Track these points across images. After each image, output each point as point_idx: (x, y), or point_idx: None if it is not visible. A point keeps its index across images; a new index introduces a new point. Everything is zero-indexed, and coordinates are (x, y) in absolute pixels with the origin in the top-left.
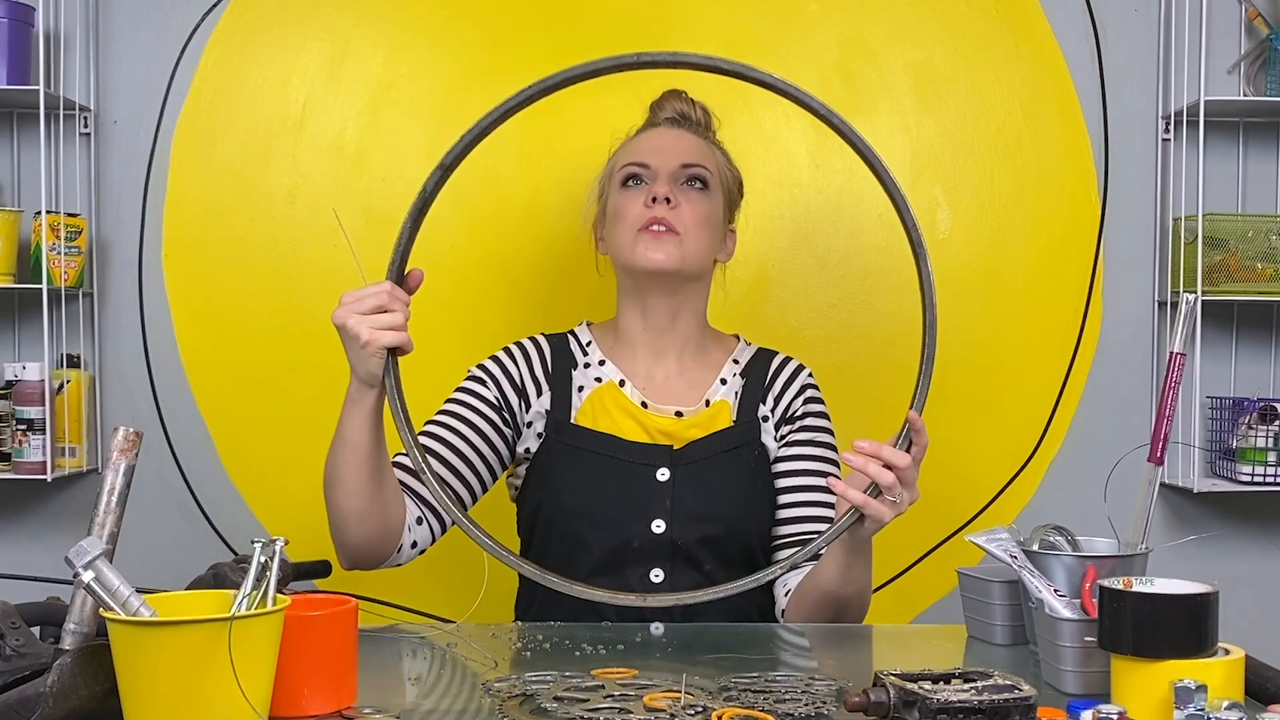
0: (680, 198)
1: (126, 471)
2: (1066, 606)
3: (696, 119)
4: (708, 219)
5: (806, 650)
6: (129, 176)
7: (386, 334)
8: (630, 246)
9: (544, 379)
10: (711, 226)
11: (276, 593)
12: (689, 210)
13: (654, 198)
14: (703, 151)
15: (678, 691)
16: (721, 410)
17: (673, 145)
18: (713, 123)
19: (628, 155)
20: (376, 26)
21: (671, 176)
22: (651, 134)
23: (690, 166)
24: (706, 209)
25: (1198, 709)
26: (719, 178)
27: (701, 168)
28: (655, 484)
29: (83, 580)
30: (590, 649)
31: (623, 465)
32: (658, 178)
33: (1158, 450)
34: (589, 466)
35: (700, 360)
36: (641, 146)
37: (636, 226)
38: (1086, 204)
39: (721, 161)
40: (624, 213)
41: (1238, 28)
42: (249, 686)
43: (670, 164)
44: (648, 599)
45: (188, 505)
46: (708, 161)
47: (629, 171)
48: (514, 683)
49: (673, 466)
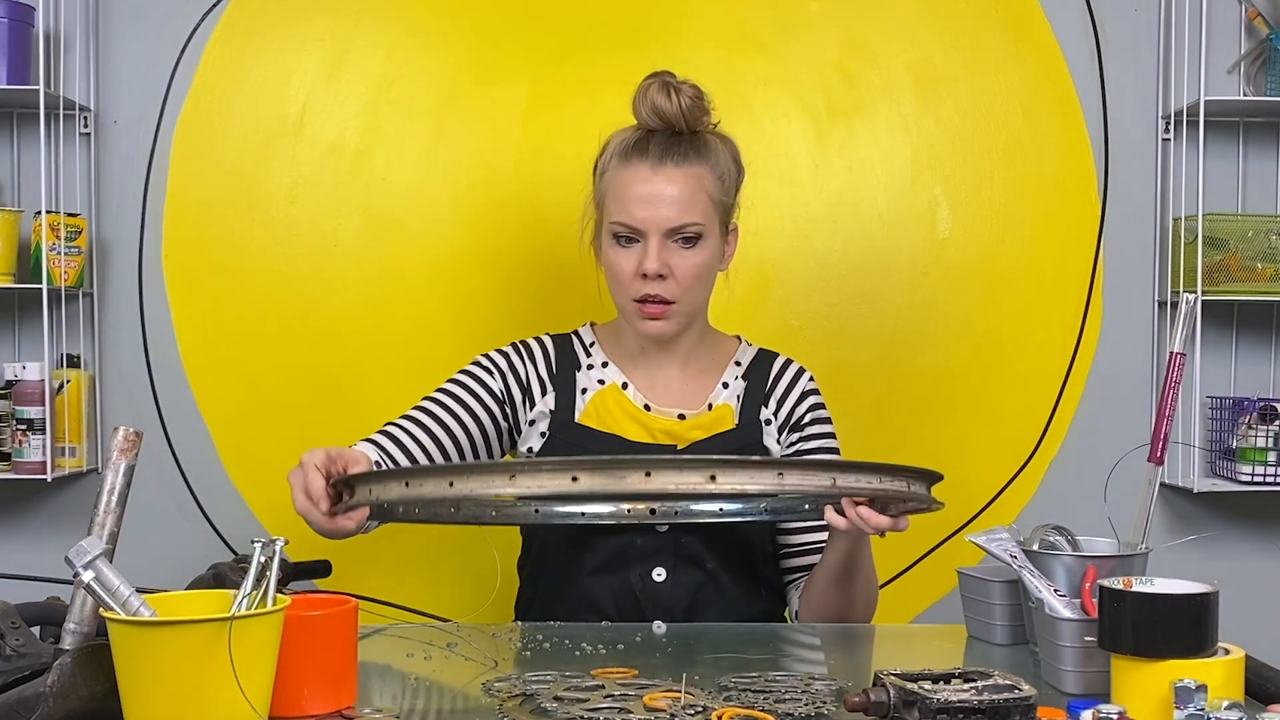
0: (672, 258)
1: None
2: (1066, 606)
3: (682, 112)
4: (701, 272)
5: (807, 650)
6: (129, 176)
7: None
8: (627, 312)
9: (548, 379)
10: (706, 275)
11: (276, 593)
12: (682, 268)
13: (644, 273)
14: (692, 193)
15: (678, 691)
16: (724, 413)
17: (661, 196)
18: (704, 103)
19: (617, 206)
20: (376, 26)
21: (662, 237)
22: (639, 179)
23: (679, 230)
24: (700, 260)
25: (1198, 709)
26: (714, 207)
27: (692, 225)
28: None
29: (83, 580)
30: (590, 649)
31: None
32: (648, 239)
33: (1158, 450)
34: None
35: (702, 364)
36: (630, 199)
37: (631, 296)
38: (1086, 204)
39: (709, 181)
40: (617, 273)
41: (1238, 28)
42: (249, 686)
43: (659, 226)
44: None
45: (188, 505)
46: (696, 208)
47: (619, 231)
48: (514, 683)
49: None
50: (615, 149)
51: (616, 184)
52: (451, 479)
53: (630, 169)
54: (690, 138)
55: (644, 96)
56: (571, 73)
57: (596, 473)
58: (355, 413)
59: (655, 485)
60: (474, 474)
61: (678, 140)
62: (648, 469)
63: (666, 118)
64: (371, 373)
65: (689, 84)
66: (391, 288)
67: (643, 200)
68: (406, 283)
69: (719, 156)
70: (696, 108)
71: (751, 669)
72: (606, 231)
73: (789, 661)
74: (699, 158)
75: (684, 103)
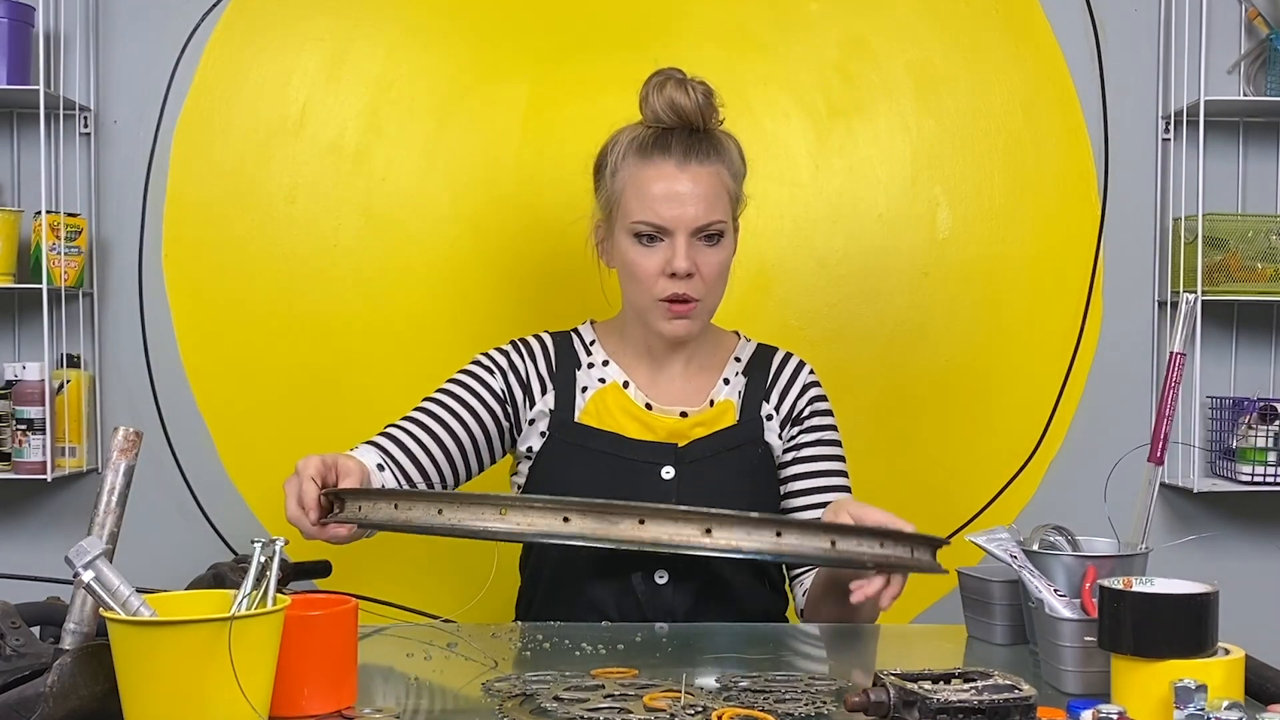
0: (698, 256)
1: (126, 471)
2: (1066, 606)
3: (699, 108)
4: (724, 268)
5: (807, 650)
6: (129, 176)
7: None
8: (649, 312)
9: (548, 377)
10: (727, 273)
11: (276, 593)
12: (707, 266)
13: (673, 272)
14: (715, 191)
15: (678, 691)
16: (726, 409)
17: (688, 195)
18: (715, 100)
19: (640, 205)
20: (376, 26)
21: (689, 236)
22: (663, 177)
23: (705, 228)
24: (724, 257)
25: (1198, 709)
26: (732, 204)
27: (717, 223)
28: (660, 483)
29: (83, 580)
30: (590, 649)
31: (627, 464)
32: (675, 238)
33: (1158, 450)
34: (593, 465)
35: (704, 362)
36: (654, 196)
37: (656, 296)
38: (1086, 204)
39: (727, 178)
40: (639, 272)
41: (1238, 28)
42: (249, 686)
43: (687, 225)
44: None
45: (188, 505)
46: (720, 206)
47: (643, 230)
48: (514, 683)
49: (677, 464)
50: (629, 146)
51: (637, 182)
52: (441, 506)
53: (653, 166)
54: (706, 135)
55: (659, 93)
56: (571, 73)
57: (589, 515)
58: (355, 413)
59: (648, 534)
60: (464, 505)
61: (697, 138)
62: (642, 516)
63: (685, 115)
64: (371, 373)
65: (700, 81)
66: (391, 288)
67: (669, 199)
68: (406, 283)
69: (732, 154)
70: (709, 105)
71: (751, 669)
72: (625, 231)
73: (789, 661)
74: (718, 156)
75: (700, 99)
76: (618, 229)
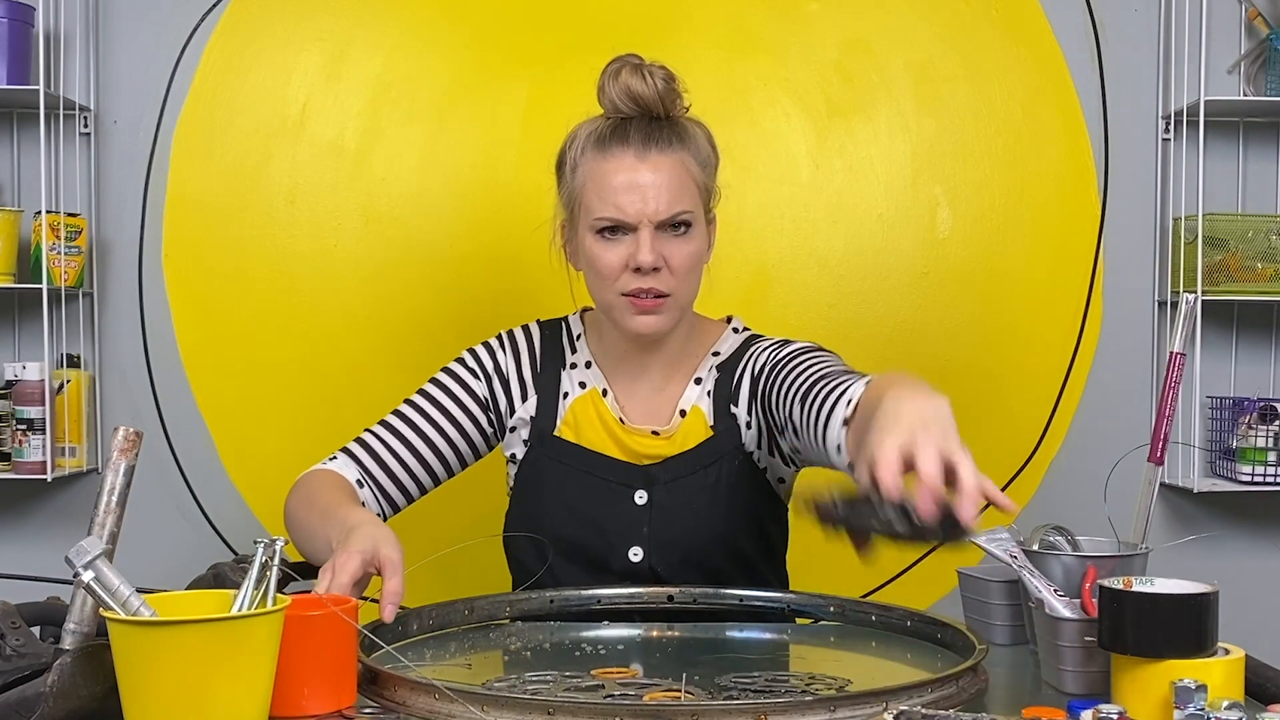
0: (665, 248)
1: (126, 471)
2: (1066, 606)
3: (658, 95)
4: (695, 261)
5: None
6: (129, 176)
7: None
8: (615, 309)
9: (531, 381)
10: (699, 265)
11: (277, 593)
12: (675, 258)
13: (638, 266)
14: (679, 180)
15: (678, 691)
16: (696, 420)
17: (649, 186)
18: (676, 86)
19: (600, 200)
20: (376, 27)
21: (653, 228)
22: (623, 169)
23: (670, 219)
24: (692, 249)
25: (1198, 709)
26: (700, 194)
27: (683, 214)
28: (633, 508)
29: (83, 580)
30: (590, 649)
31: (602, 484)
32: (638, 232)
33: (1158, 450)
34: (570, 485)
35: (681, 366)
36: (614, 188)
37: (620, 291)
38: (1086, 204)
39: (694, 167)
40: (601, 267)
41: (1238, 28)
42: (249, 686)
43: (651, 217)
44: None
45: (188, 505)
46: (686, 196)
47: (605, 225)
48: (514, 683)
49: (649, 487)
50: (586, 140)
51: (596, 176)
52: (485, 705)
53: (611, 159)
54: (669, 123)
55: (614, 81)
56: (571, 73)
57: (641, 718)
58: (355, 413)
59: None
60: (507, 708)
61: (658, 126)
62: (694, 713)
63: (643, 102)
64: (371, 373)
65: (659, 66)
66: (391, 288)
67: (629, 190)
68: (406, 283)
69: (698, 142)
70: (671, 90)
71: (751, 669)
72: (588, 228)
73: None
74: (681, 144)
75: (659, 85)
76: (581, 227)
